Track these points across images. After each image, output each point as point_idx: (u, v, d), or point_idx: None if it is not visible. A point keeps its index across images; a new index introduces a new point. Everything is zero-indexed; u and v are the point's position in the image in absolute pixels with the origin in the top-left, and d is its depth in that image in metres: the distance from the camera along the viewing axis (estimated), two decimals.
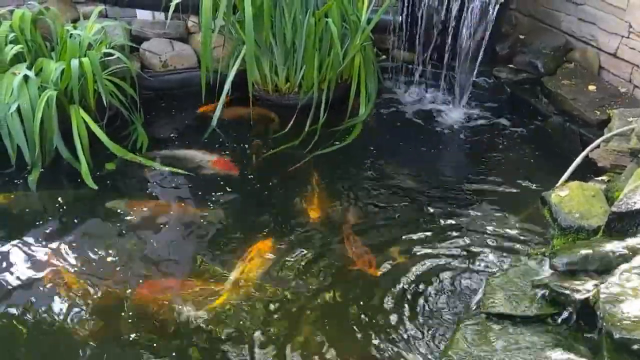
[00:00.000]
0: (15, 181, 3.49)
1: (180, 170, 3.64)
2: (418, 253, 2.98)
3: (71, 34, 3.79)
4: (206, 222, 3.21)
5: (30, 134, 3.43)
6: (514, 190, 3.53)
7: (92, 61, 3.60)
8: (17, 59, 3.72)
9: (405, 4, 4.54)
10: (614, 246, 2.01)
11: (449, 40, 4.48)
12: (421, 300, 2.67)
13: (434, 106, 4.62)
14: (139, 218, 3.24)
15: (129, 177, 3.66)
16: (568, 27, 4.54)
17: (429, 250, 2.99)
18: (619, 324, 1.62)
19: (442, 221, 3.24)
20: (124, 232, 3.13)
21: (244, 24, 3.77)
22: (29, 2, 4.05)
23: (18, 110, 3.40)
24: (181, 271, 2.90)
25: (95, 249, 2.99)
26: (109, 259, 2.93)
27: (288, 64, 4.30)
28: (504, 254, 2.93)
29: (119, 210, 3.28)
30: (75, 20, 4.37)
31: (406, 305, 2.64)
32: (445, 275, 2.81)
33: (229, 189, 3.51)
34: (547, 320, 2.02)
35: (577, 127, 3.91)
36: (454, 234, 3.12)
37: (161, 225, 3.19)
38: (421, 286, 2.75)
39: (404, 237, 3.11)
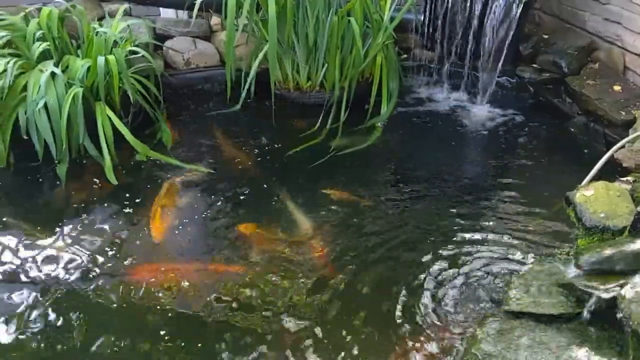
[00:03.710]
0: (38, 176, 3.57)
1: (201, 168, 3.67)
2: (440, 251, 2.97)
3: (97, 31, 3.85)
4: None
5: (57, 130, 3.48)
6: (538, 190, 3.50)
7: (117, 59, 3.66)
8: (44, 56, 3.76)
9: (428, 3, 4.53)
10: None
11: (472, 40, 4.47)
12: (444, 298, 2.66)
13: (456, 105, 4.61)
14: None
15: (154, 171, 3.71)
16: (593, 27, 4.50)
17: (452, 249, 2.98)
18: None
19: (464, 220, 3.23)
20: None
21: (267, 23, 3.79)
22: (56, 0, 4.10)
23: (45, 106, 3.44)
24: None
25: None
26: None
27: (310, 62, 4.31)
28: (528, 253, 2.91)
29: None
30: (101, 18, 4.42)
31: (429, 303, 2.63)
32: (469, 274, 2.80)
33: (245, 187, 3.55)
34: (572, 319, 2.02)
35: (601, 128, 3.88)
36: (477, 233, 3.11)
37: None
38: (445, 284, 2.74)
39: (426, 234, 3.11)
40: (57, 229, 3.14)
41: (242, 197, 3.42)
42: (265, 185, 3.54)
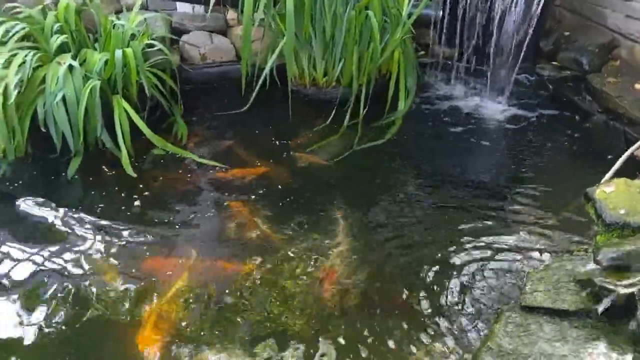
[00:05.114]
0: (55, 167, 3.60)
1: (214, 163, 3.68)
2: (457, 248, 2.95)
3: (114, 24, 3.86)
4: None
5: (75, 123, 3.50)
6: (557, 188, 3.47)
7: (135, 52, 3.67)
8: (62, 49, 3.78)
9: None
10: None
11: (491, 36, 4.43)
12: (462, 293, 2.64)
13: (474, 102, 4.56)
14: None
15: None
16: (614, 24, 4.44)
17: (470, 245, 2.96)
18: None
19: (481, 217, 3.20)
20: None
21: (285, 17, 3.78)
22: None
23: (63, 99, 3.46)
24: None
25: None
26: None
27: (326, 57, 4.29)
28: (546, 250, 2.88)
29: None
30: (118, 12, 4.44)
31: (447, 297, 2.61)
32: (486, 270, 2.78)
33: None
34: (589, 315, 1.99)
35: (621, 126, 3.83)
36: (495, 229, 3.08)
37: None
38: (462, 279, 2.73)
39: (443, 231, 3.09)
40: (71, 220, 3.16)
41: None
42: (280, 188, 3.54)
